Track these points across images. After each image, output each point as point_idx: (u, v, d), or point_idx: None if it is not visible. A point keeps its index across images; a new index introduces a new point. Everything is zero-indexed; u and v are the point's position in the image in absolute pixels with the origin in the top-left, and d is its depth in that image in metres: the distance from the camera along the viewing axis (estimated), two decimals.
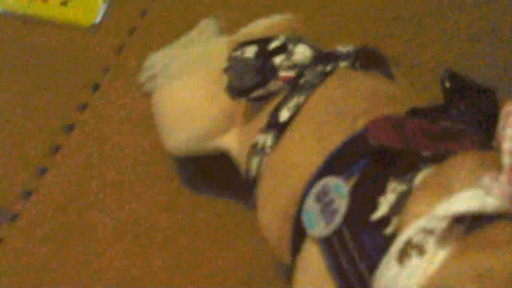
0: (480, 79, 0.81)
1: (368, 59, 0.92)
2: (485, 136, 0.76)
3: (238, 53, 0.92)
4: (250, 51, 0.92)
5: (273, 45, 0.91)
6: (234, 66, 0.92)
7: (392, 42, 1.30)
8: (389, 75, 0.95)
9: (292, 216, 0.82)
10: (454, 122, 0.78)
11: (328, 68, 0.90)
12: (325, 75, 0.89)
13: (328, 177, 0.78)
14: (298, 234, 0.81)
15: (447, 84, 0.80)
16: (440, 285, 0.60)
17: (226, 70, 0.92)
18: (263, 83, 0.90)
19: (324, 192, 0.77)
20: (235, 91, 0.91)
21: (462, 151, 0.70)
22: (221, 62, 0.96)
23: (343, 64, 0.91)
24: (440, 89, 0.81)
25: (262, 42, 0.92)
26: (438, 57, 1.28)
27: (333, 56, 0.92)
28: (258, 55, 0.91)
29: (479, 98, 0.79)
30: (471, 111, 0.79)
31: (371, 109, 0.82)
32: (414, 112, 0.79)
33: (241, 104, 0.95)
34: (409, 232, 0.66)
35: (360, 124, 0.80)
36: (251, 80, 0.90)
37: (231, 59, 0.92)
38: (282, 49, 0.91)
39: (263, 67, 0.90)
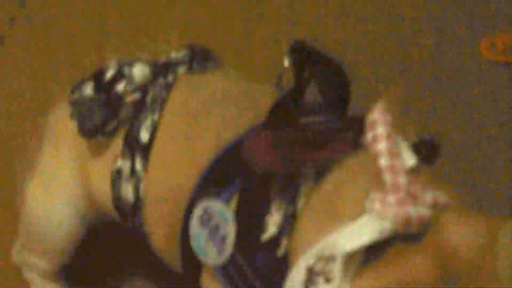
0: None
1: (202, 58, 0.91)
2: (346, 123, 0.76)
3: (76, 95, 0.88)
4: (88, 88, 0.88)
5: (109, 74, 0.87)
6: (78, 108, 0.88)
7: None
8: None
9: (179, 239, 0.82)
10: (314, 113, 0.78)
11: (170, 78, 0.88)
12: (169, 87, 0.87)
13: (207, 198, 0.77)
14: (189, 256, 0.80)
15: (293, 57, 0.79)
16: None
17: (71, 116, 0.88)
18: (113, 114, 0.87)
19: (208, 216, 0.77)
20: (88, 132, 0.88)
21: (339, 161, 0.71)
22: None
23: (182, 70, 0.89)
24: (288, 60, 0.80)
25: (95, 76, 0.88)
26: None
27: (170, 64, 0.89)
28: (97, 89, 0.87)
29: (327, 70, 0.80)
30: (323, 88, 0.80)
31: (231, 119, 0.82)
32: (275, 115, 0.76)
33: (85, 148, 0.91)
34: (307, 259, 0.66)
35: (225, 137, 0.80)
36: (101, 116, 0.87)
37: (72, 104, 0.88)
38: (120, 75, 0.87)
39: (108, 99, 0.87)
